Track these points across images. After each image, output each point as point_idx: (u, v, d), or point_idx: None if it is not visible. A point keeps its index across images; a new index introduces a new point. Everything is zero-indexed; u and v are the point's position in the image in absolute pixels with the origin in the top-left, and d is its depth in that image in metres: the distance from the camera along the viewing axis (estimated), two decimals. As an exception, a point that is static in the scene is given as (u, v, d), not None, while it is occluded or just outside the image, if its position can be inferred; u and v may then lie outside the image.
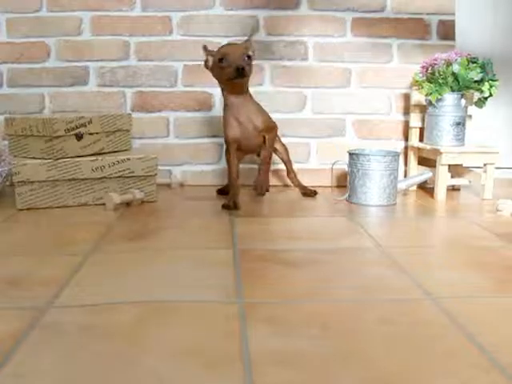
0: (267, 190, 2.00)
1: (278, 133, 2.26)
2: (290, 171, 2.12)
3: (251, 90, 2.24)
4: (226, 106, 1.89)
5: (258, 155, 2.07)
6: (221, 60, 1.79)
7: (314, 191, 2.10)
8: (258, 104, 1.92)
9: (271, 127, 1.92)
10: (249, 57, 1.81)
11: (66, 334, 0.90)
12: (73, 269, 1.23)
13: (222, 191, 2.12)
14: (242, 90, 1.87)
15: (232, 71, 1.77)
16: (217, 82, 1.89)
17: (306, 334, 0.91)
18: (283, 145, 2.10)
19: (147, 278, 1.18)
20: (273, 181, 2.32)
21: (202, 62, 1.89)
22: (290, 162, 2.11)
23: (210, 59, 1.85)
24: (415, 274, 1.22)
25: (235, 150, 1.92)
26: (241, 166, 2.28)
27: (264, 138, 1.91)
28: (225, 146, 1.93)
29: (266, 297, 1.08)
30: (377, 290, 1.12)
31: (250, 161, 2.28)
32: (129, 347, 0.86)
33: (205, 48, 1.86)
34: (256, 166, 2.31)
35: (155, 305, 1.03)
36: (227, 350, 0.85)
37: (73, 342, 0.88)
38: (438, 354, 0.85)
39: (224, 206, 1.86)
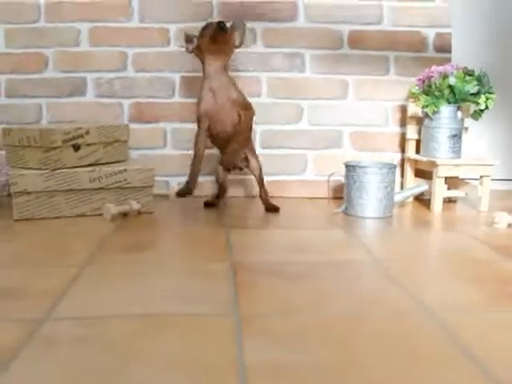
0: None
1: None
2: (261, 189, 2.04)
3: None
4: (203, 80, 1.92)
5: (241, 169, 2.05)
6: (203, 30, 1.89)
7: (277, 207, 2.02)
8: (236, 82, 1.95)
9: (247, 104, 1.92)
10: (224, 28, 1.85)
11: (62, 346, 0.90)
12: (69, 280, 1.23)
13: (208, 203, 2.10)
14: (223, 58, 1.90)
15: (214, 27, 1.84)
16: (200, 56, 1.93)
17: (302, 347, 0.91)
18: (258, 162, 2.02)
19: (143, 291, 1.18)
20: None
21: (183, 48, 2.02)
22: (262, 181, 2.03)
23: (195, 40, 1.92)
24: (411, 287, 1.22)
25: (206, 128, 1.90)
26: (231, 177, 2.28)
27: (240, 117, 1.90)
28: (196, 128, 1.94)
29: (261, 310, 1.08)
30: (373, 304, 1.12)
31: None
32: (124, 360, 0.86)
33: (187, 36, 1.94)
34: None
35: (151, 318, 1.03)
36: (222, 363, 0.85)
37: (69, 354, 0.87)
38: (433, 367, 0.85)
39: (179, 194, 1.87)
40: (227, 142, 1.93)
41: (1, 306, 1.07)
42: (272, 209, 2.02)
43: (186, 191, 1.85)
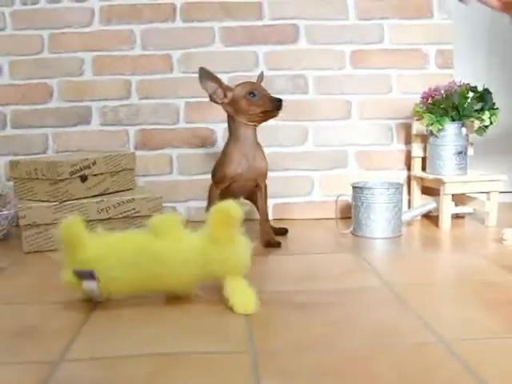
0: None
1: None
2: (265, 224, 1.90)
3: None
4: (234, 141, 1.80)
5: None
6: (251, 93, 1.77)
7: (278, 242, 1.86)
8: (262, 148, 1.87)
9: (266, 173, 1.87)
10: None
11: (79, 391, 0.90)
12: (82, 318, 1.23)
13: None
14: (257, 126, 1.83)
15: (271, 103, 1.76)
16: (232, 113, 1.80)
17: (320, 385, 0.91)
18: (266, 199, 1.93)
19: (158, 329, 1.17)
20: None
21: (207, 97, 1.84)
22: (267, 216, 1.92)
23: (230, 94, 1.79)
24: (424, 314, 1.22)
25: (220, 189, 1.83)
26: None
27: (257, 184, 1.85)
28: (210, 183, 1.89)
29: (276, 346, 1.07)
30: (387, 334, 1.12)
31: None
32: (143, 405, 0.86)
33: (210, 77, 1.80)
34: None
35: (167, 357, 1.03)
36: (241, 406, 0.85)
37: (86, 400, 0.88)
38: (452, 403, 0.84)
39: None
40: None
41: (14, 348, 1.08)
42: (273, 244, 1.86)
43: None
